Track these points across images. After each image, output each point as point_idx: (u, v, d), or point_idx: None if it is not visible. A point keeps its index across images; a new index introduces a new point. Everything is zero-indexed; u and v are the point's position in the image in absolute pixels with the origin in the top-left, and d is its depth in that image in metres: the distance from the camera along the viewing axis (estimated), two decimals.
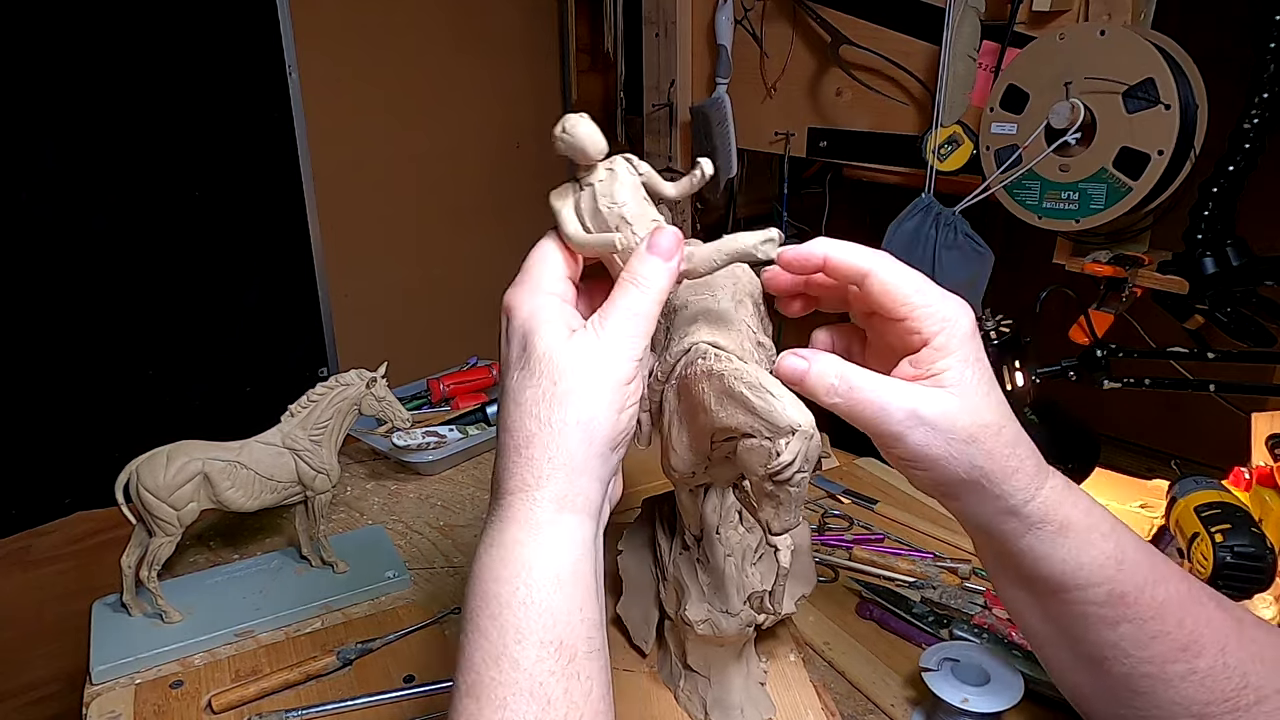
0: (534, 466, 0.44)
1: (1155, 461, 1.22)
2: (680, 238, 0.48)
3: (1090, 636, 0.49)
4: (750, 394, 0.46)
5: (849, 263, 0.49)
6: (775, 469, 0.45)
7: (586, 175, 0.49)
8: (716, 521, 0.65)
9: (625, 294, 0.47)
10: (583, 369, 0.45)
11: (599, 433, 0.45)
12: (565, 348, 0.45)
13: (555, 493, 0.44)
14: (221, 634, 0.84)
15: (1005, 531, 0.49)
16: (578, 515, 0.45)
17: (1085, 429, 0.88)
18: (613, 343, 0.46)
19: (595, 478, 0.46)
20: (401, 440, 1.13)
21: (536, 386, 0.45)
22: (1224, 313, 0.91)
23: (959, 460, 0.46)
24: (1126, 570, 0.48)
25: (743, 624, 0.65)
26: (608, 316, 0.47)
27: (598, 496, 0.46)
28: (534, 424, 0.45)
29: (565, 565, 0.44)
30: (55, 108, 1.34)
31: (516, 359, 0.47)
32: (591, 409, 0.45)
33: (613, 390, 0.46)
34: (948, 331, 0.47)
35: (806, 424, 0.45)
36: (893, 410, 0.46)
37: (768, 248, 0.49)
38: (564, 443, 0.44)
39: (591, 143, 0.48)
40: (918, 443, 0.46)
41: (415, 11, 1.72)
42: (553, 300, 0.48)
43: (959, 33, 1.02)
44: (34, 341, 1.40)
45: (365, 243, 1.77)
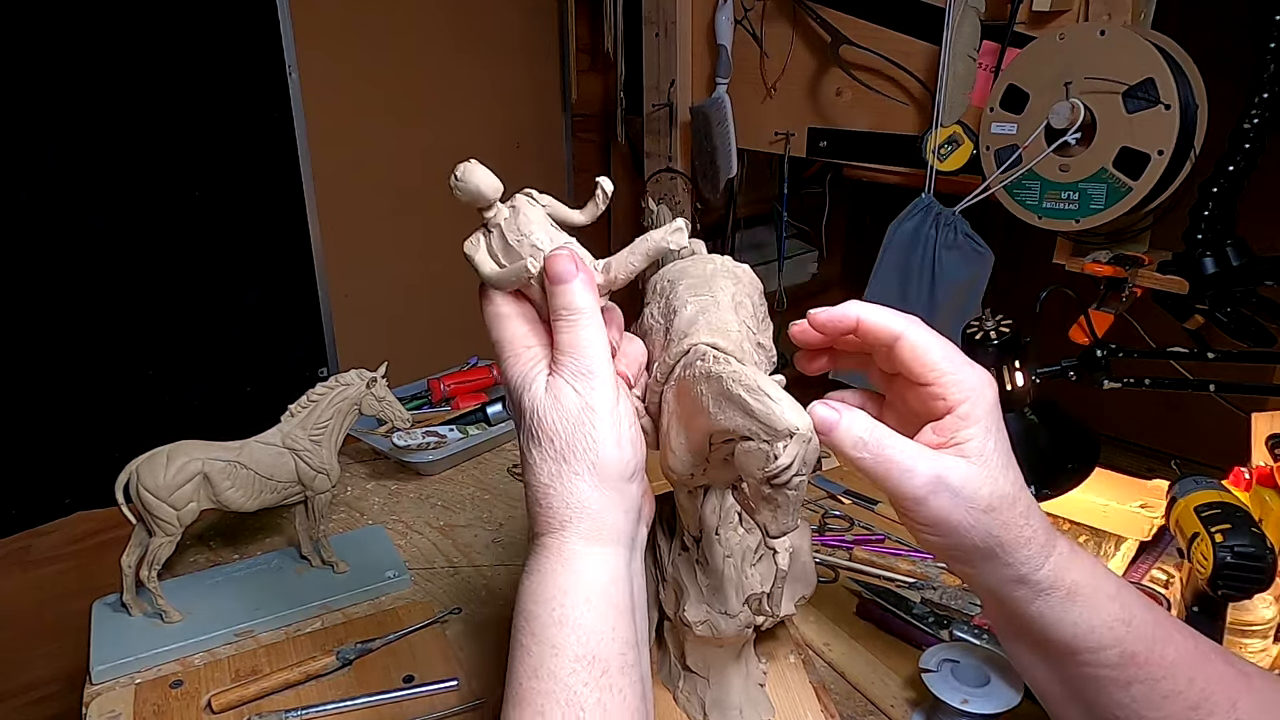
0: (555, 514, 0.48)
1: (1155, 461, 1.22)
2: (571, 253, 0.50)
3: (1103, 699, 0.50)
4: (748, 397, 0.46)
5: (882, 325, 0.50)
6: (773, 472, 0.45)
7: (491, 217, 0.51)
8: (716, 523, 0.65)
9: (562, 332, 0.50)
10: (568, 419, 0.48)
11: (608, 471, 0.48)
12: (547, 404, 0.48)
13: (582, 531, 0.48)
14: (221, 634, 0.84)
15: (1015, 598, 0.50)
16: (607, 546, 0.48)
17: (1085, 429, 0.88)
18: (579, 381, 0.48)
19: (618, 510, 0.49)
20: (402, 440, 1.13)
21: (538, 447, 0.48)
22: (1224, 313, 0.90)
23: (976, 530, 0.47)
24: (1135, 630, 0.49)
25: (741, 625, 0.65)
26: (561, 361, 0.49)
27: (626, 525, 0.49)
28: (546, 479, 0.48)
29: (596, 588, 0.47)
30: (55, 108, 1.34)
31: (520, 426, 0.50)
32: (591, 454, 0.48)
33: (603, 426, 0.48)
34: (973, 401, 0.49)
35: (804, 427, 0.45)
36: (918, 474, 0.47)
37: (677, 237, 0.51)
38: (577, 491, 0.48)
39: (487, 185, 0.49)
40: (939, 508, 0.47)
41: (415, 11, 1.72)
42: (525, 360, 0.51)
43: (959, 33, 1.02)
44: (34, 341, 1.40)
45: (365, 243, 1.77)
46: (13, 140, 1.32)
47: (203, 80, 1.47)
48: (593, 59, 1.97)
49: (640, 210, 1.51)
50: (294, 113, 1.58)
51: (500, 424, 1.23)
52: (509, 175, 0.52)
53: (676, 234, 0.51)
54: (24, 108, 1.32)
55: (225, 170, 1.53)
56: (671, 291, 0.61)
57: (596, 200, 0.52)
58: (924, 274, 1.10)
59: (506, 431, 1.21)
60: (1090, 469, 0.87)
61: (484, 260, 0.51)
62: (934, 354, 0.49)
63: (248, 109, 1.53)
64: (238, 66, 1.51)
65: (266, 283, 1.64)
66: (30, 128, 1.33)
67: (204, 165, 1.51)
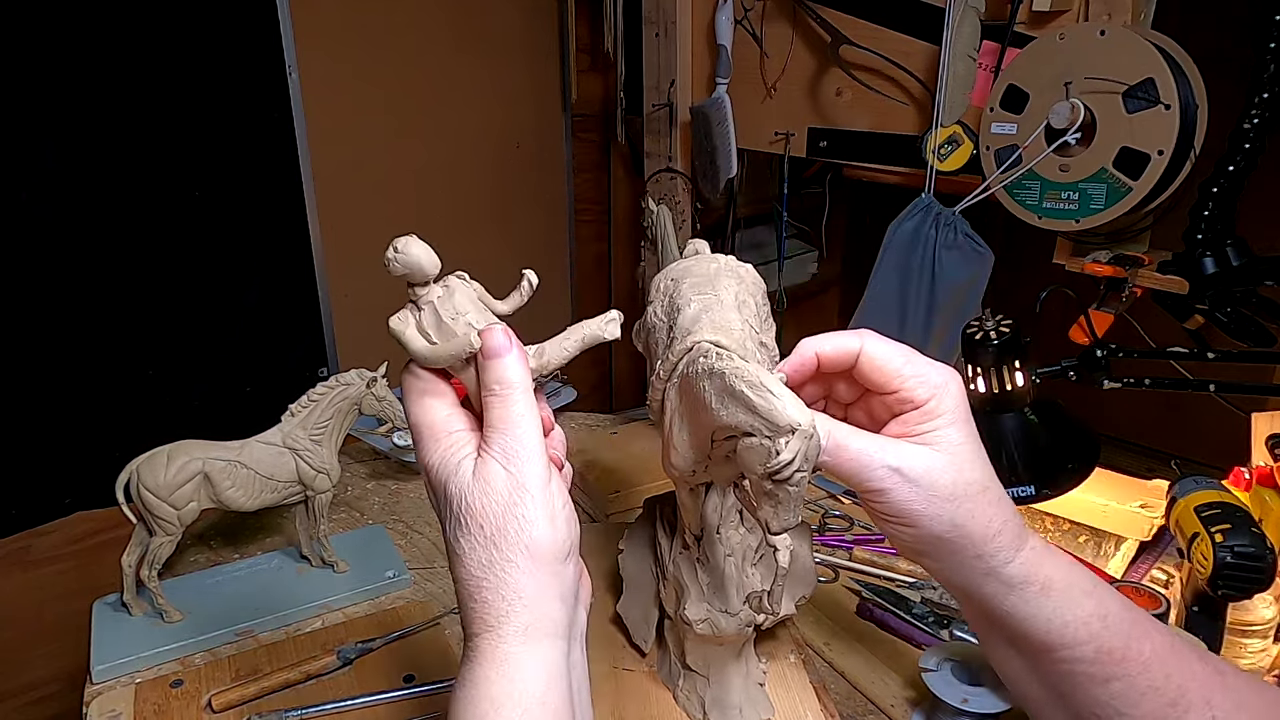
0: (490, 608, 0.45)
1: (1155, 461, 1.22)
2: (505, 328, 0.49)
3: (1081, 696, 0.50)
4: (751, 392, 0.46)
5: (840, 349, 0.50)
6: (774, 468, 0.45)
7: (424, 294, 0.49)
8: (717, 521, 0.65)
9: (493, 408, 0.47)
10: (497, 502, 0.46)
11: (541, 553, 0.46)
12: (476, 489, 0.46)
13: (517, 626, 0.45)
14: (221, 633, 0.84)
15: (988, 594, 0.50)
16: (543, 642, 0.46)
17: (1085, 429, 0.88)
18: (510, 459, 0.46)
19: (553, 597, 0.46)
20: (402, 440, 1.13)
21: (468, 535, 0.46)
22: (1224, 313, 0.90)
23: (940, 518, 0.48)
24: (1111, 626, 0.49)
25: (742, 624, 0.65)
26: (491, 438, 0.47)
27: (562, 614, 0.47)
28: (478, 570, 0.45)
29: (533, 698, 0.44)
30: (55, 108, 1.34)
31: (444, 513, 0.47)
32: (525, 536, 0.45)
33: (535, 505, 0.46)
34: (938, 397, 0.49)
35: (806, 423, 0.45)
36: (876, 467, 0.47)
37: (611, 327, 0.51)
38: (510, 579, 0.45)
39: (428, 260, 0.48)
40: (900, 499, 0.48)
41: (415, 11, 1.72)
42: (450, 440, 0.48)
43: (959, 33, 1.02)
44: (34, 341, 1.40)
45: (365, 243, 1.76)
46: (13, 140, 1.32)
47: (203, 80, 1.47)
48: (593, 59, 1.97)
49: (640, 210, 1.50)
50: (294, 113, 1.58)
51: None
52: (509, 175, 0.51)
53: (610, 324, 0.51)
54: (24, 108, 1.32)
55: (225, 170, 1.53)
56: (675, 290, 0.61)
57: (521, 290, 0.51)
58: (924, 274, 1.10)
59: None
60: (1090, 469, 0.87)
61: (414, 337, 0.49)
62: (895, 361, 0.50)
63: (248, 109, 1.53)
64: (238, 66, 1.51)
65: (266, 283, 1.64)
66: (30, 128, 1.33)
67: (204, 165, 1.51)
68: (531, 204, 2.00)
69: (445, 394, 0.50)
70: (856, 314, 1.18)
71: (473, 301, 0.50)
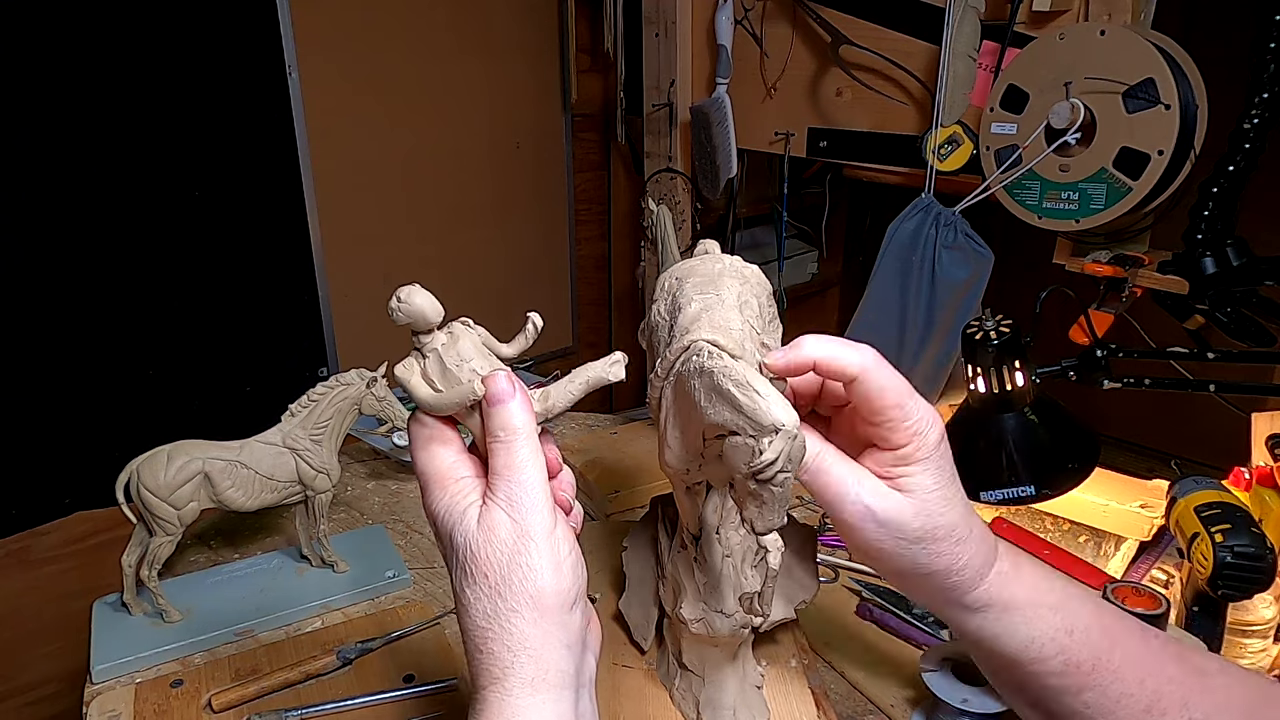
0: (496, 660, 0.45)
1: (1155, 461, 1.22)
2: (509, 373, 0.48)
3: (1055, 705, 0.51)
4: (737, 391, 0.46)
5: (841, 363, 0.49)
6: (758, 467, 0.45)
7: (428, 342, 0.49)
8: (716, 522, 0.65)
9: (497, 454, 0.47)
10: (501, 550, 0.45)
11: (548, 603, 0.45)
12: (480, 538, 0.46)
13: (524, 678, 0.45)
14: (221, 633, 0.84)
15: (951, 617, 0.52)
16: (550, 693, 0.45)
17: (1085, 429, 0.88)
18: (514, 506, 0.46)
19: (560, 646, 0.46)
20: (402, 440, 1.13)
21: (474, 585, 0.45)
22: (1224, 313, 0.90)
23: (904, 558, 0.50)
24: (1079, 639, 0.50)
25: (736, 625, 0.65)
26: (496, 484, 0.47)
27: (569, 664, 0.46)
28: (483, 620, 0.45)
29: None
30: (56, 108, 1.34)
31: (452, 563, 0.47)
32: (530, 585, 0.45)
33: (540, 553, 0.45)
34: (916, 443, 0.49)
35: (790, 424, 0.45)
36: (850, 503, 0.49)
37: (616, 369, 0.51)
38: (516, 630, 0.45)
39: (431, 309, 0.48)
40: (869, 537, 0.50)
41: (415, 12, 1.72)
42: (456, 488, 0.48)
43: (959, 33, 1.02)
44: (34, 341, 1.40)
45: (365, 243, 1.77)
46: (13, 140, 1.32)
47: (203, 80, 1.47)
48: (593, 59, 1.97)
49: (640, 210, 1.51)
50: (294, 113, 1.58)
51: None
52: (509, 175, 0.51)
53: (615, 366, 0.51)
54: (24, 107, 1.32)
55: (225, 170, 1.53)
56: (678, 289, 0.61)
57: (526, 333, 0.51)
58: (924, 274, 1.10)
59: None
60: (1090, 469, 0.87)
61: (420, 385, 0.49)
62: (889, 396, 0.49)
63: (248, 109, 1.53)
64: (238, 66, 1.51)
65: (266, 283, 1.64)
66: (31, 128, 1.33)
67: (204, 165, 1.51)
68: (531, 204, 2.00)
69: (451, 441, 0.50)
70: (856, 314, 1.18)
71: (477, 347, 0.50)
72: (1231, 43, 0.87)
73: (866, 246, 1.97)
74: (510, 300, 1.96)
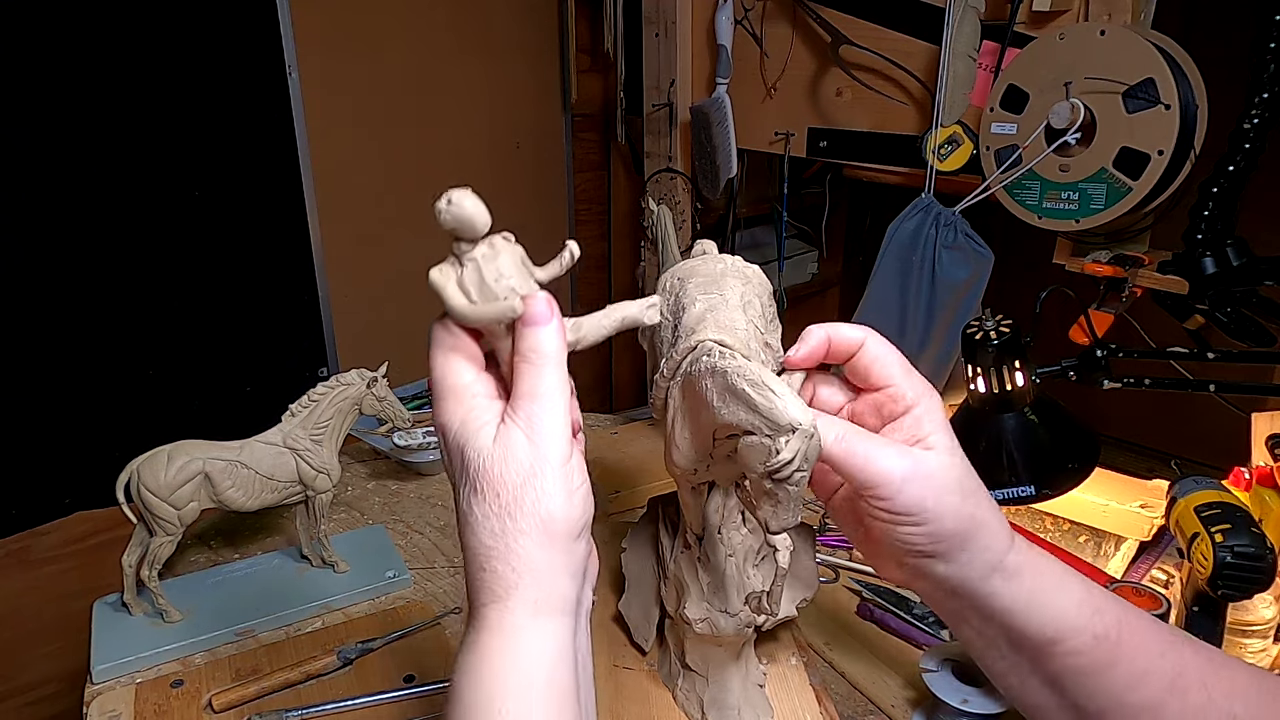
0: (500, 579, 0.44)
1: (1155, 461, 1.22)
2: (552, 300, 0.48)
3: (1082, 689, 0.51)
4: (752, 391, 0.46)
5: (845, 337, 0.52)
6: (774, 466, 0.45)
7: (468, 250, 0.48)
8: (719, 521, 0.65)
9: (525, 376, 0.46)
10: (517, 471, 0.44)
11: (556, 528, 0.45)
12: (494, 454, 0.45)
13: (527, 599, 0.44)
14: (222, 633, 0.84)
15: (991, 591, 0.51)
16: (552, 618, 0.45)
17: (1085, 429, 0.88)
18: (535, 429, 0.45)
19: (563, 573, 0.45)
20: (402, 440, 1.13)
21: (482, 502, 0.45)
22: (1224, 313, 0.90)
23: (951, 513, 0.49)
24: (1101, 611, 0.51)
25: (741, 624, 0.65)
26: (519, 405, 0.46)
27: (571, 591, 0.46)
28: (489, 538, 0.44)
29: (540, 674, 0.44)
30: (56, 108, 1.34)
31: (459, 478, 0.46)
32: (541, 506, 0.44)
33: (554, 479, 0.45)
34: (925, 404, 0.51)
35: (807, 422, 0.45)
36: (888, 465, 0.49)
37: (651, 313, 0.52)
38: (523, 551, 0.44)
39: (480, 216, 0.46)
40: (915, 494, 0.49)
41: (415, 12, 1.72)
42: (469, 405, 0.47)
43: (959, 33, 1.02)
44: (34, 341, 1.40)
45: (365, 243, 1.77)
46: (13, 140, 1.32)
47: (203, 80, 1.47)
48: (593, 59, 1.97)
49: (640, 210, 1.51)
50: (294, 113, 1.58)
51: None
52: (509, 175, 0.51)
53: (651, 310, 0.51)
54: (24, 107, 1.32)
55: (225, 170, 1.53)
56: (681, 289, 0.62)
57: (561, 259, 0.50)
58: (924, 274, 1.10)
59: None
60: (1090, 469, 0.87)
61: (455, 293, 0.47)
62: (890, 359, 0.52)
63: (248, 109, 1.53)
64: (238, 66, 1.51)
65: (266, 283, 1.64)
66: (31, 128, 1.33)
67: (204, 165, 1.51)
68: (531, 204, 2.00)
69: (475, 357, 0.49)
70: (856, 314, 1.18)
71: (517, 265, 0.49)
72: (1231, 43, 0.87)
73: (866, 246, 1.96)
74: None
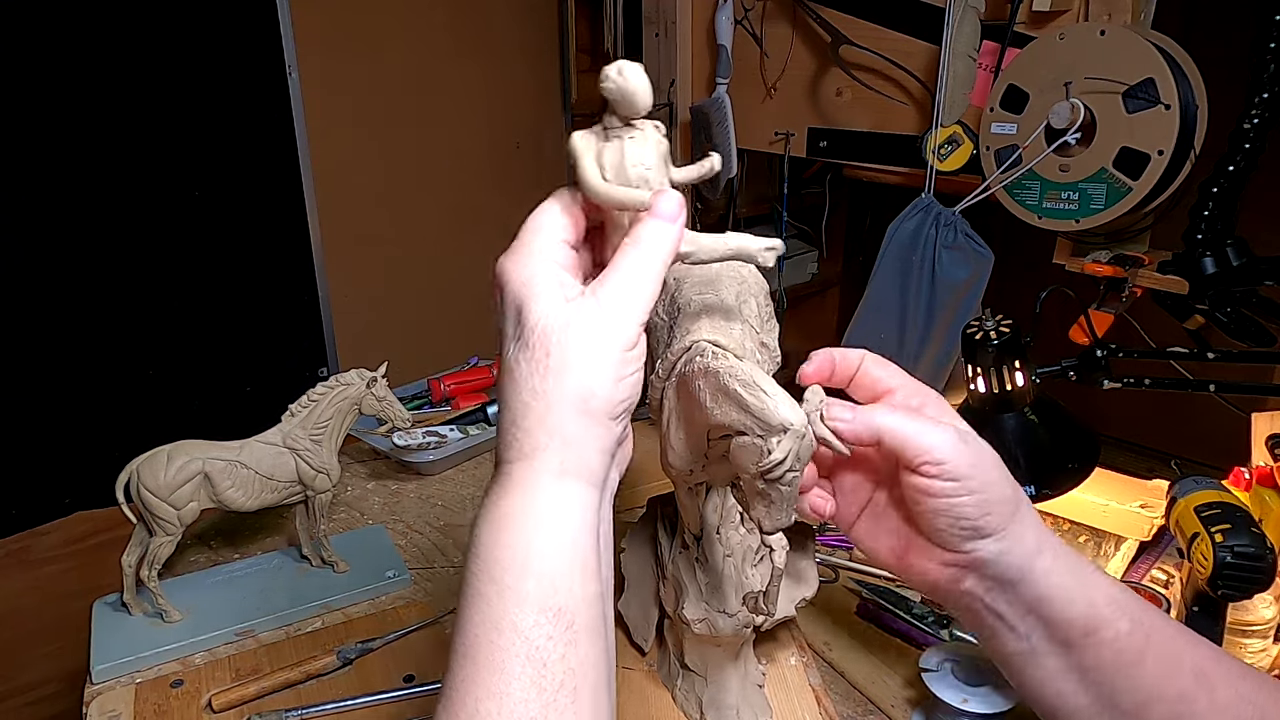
0: (530, 437, 0.43)
1: (1155, 461, 1.22)
2: (683, 202, 0.47)
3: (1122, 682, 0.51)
4: (744, 391, 0.46)
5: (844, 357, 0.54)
6: (766, 467, 0.45)
7: (617, 128, 0.46)
8: (717, 521, 0.65)
9: (628, 256, 0.45)
10: (579, 338, 0.43)
11: (597, 404, 0.43)
12: (560, 316, 0.43)
13: (554, 461, 0.43)
14: (222, 633, 0.84)
15: (1039, 570, 0.51)
16: (579, 483, 0.44)
17: (1085, 429, 0.88)
18: (613, 307, 0.44)
19: (597, 448, 0.44)
20: (402, 440, 1.13)
21: (531, 359, 0.43)
22: (1224, 313, 0.90)
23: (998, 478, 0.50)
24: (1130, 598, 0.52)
25: (739, 624, 0.65)
26: (607, 280, 0.45)
27: (600, 466, 0.45)
28: (529, 396, 0.43)
29: (565, 533, 0.43)
30: (56, 108, 1.34)
31: (511, 331, 0.45)
32: (588, 380, 0.43)
33: (612, 358, 0.44)
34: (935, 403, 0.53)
35: (798, 423, 0.45)
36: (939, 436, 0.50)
37: (769, 255, 0.49)
38: (560, 414, 0.43)
39: (644, 95, 0.44)
40: (965, 459, 0.49)
41: (415, 12, 1.72)
42: (548, 266, 0.45)
43: (959, 33, 1.02)
44: (34, 341, 1.40)
45: (365, 243, 1.77)
46: (13, 140, 1.32)
47: (203, 80, 1.47)
48: (593, 59, 1.97)
49: None
50: (294, 113, 1.58)
51: None
52: (509, 175, 0.51)
53: (769, 252, 0.49)
54: (24, 108, 1.32)
55: (225, 170, 1.53)
56: (677, 289, 0.62)
57: (703, 165, 0.49)
58: (924, 274, 1.10)
59: None
60: (1090, 469, 0.87)
61: (591, 164, 0.46)
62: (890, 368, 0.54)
63: (248, 109, 1.53)
64: (238, 66, 1.50)
65: (266, 283, 1.64)
66: (30, 127, 1.33)
67: (204, 165, 1.51)
68: (531, 204, 1.98)
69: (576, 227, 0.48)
70: (856, 314, 1.18)
71: (659, 157, 0.47)
72: (1231, 43, 0.87)
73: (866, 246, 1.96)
74: None
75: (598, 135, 0.47)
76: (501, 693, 0.39)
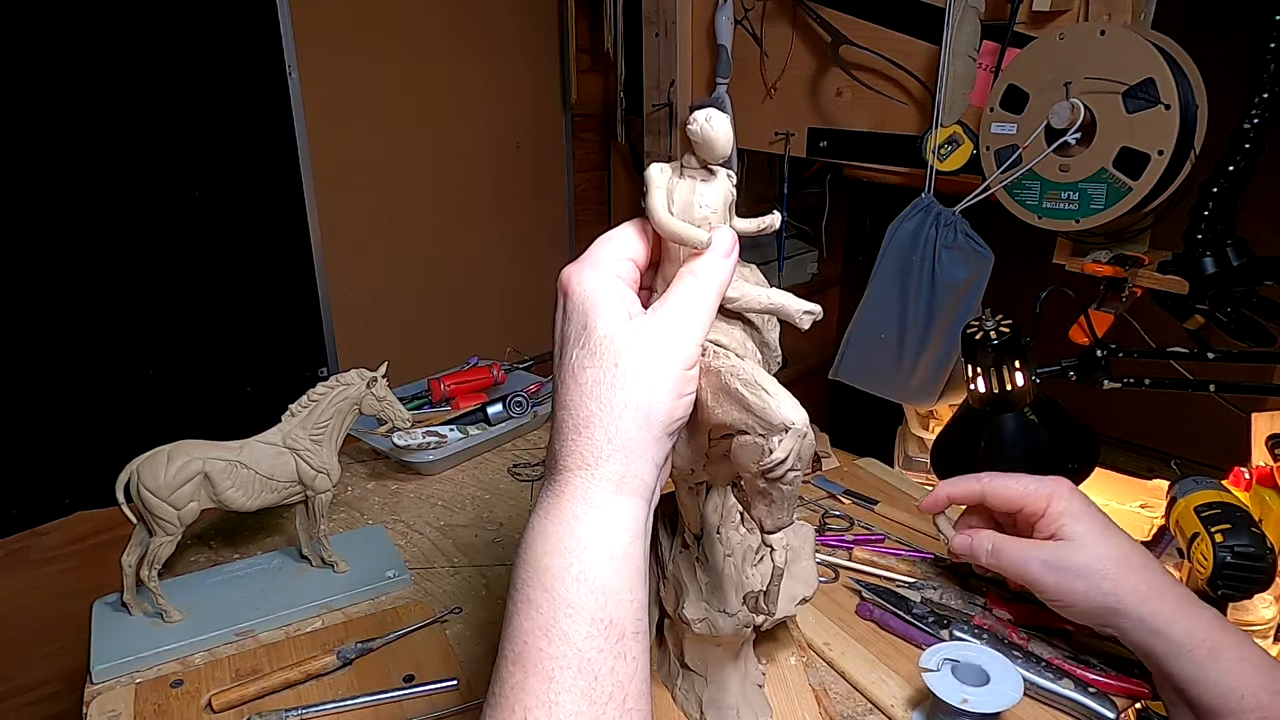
0: (593, 447, 0.44)
1: (1155, 461, 1.22)
2: (736, 240, 0.49)
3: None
4: (745, 391, 0.46)
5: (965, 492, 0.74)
6: (768, 466, 0.45)
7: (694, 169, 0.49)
8: (717, 521, 0.65)
9: (685, 283, 0.48)
10: (644, 352, 0.45)
11: (657, 417, 0.45)
12: (627, 330, 0.45)
13: (613, 473, 0.44)
14: (222, 633, 0.84)
15: (1158, 653, 0.60)
16: (633, 498, 0.45)
17: (1085, 429, 0.88)
18: (675, 326, 0.46)
19: (651, 461, 0.45)
20: (402, 440, 1.13)
21: (597, 367, 0.44)
22: (1224, 313, 0.91)
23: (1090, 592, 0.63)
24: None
25: (740, 624, 0.65)
26: (668, 301, 0.47)
27: (652, 480, 0.46)
28: (594, 405, 0.44)
29: (619, 545, 0.44)
30: (56, 108, 1.34)
31: (575, 338, 0.46)
32: (651, 393, 0.44)
33: (674, 374, 0.45)
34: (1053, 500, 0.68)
35: (800, 422, 0.45)
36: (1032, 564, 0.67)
37: (806, 319, 0.52)
38: (623, 425, 0.44)
39: (724, 143, 0.47)
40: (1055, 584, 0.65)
41: (415, 12, 1.72)
42: (614, 280, 0.48)
43: (959, 33, 1.02)
44: (34, 341, 1.40)
45: (365, 243, 1.77)
46: (13, 140, 1.32)
47: (203, 80, 1.47)
48: (593, 59, 1.97)
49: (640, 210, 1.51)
50: (294, 113, 1.58)
51: (500, 424, 1.23)
52: (509, 175, 0.51)
53: (806, 316, 0.52)
54: (24, 107, 1.32)
55: (225, 170, 1.53)
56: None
57: (762, 221, 0.52)
58: (924, 274, 1.10)
59: (507, 431, 1.21)
60: (1090, 469, 0.87)
61: (661, 196, 0.49)
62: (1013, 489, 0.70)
63: (248, 109, 1.53)
64: (238, 66, 1.51)
65: (266, 283, 1.64)
66: (30, 128, 1.33)
67: (204, 165, 1.51)
68: (531, 204, 2.00)
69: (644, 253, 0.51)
70: (857, 314, 1.18)
71: (724, 202, 0.50)
72: (1231, 43, 0.87)
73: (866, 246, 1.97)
74: (510, 300, 1.96)
75: (674, 171, 0.50)
76: (552, 702, 0.40)
